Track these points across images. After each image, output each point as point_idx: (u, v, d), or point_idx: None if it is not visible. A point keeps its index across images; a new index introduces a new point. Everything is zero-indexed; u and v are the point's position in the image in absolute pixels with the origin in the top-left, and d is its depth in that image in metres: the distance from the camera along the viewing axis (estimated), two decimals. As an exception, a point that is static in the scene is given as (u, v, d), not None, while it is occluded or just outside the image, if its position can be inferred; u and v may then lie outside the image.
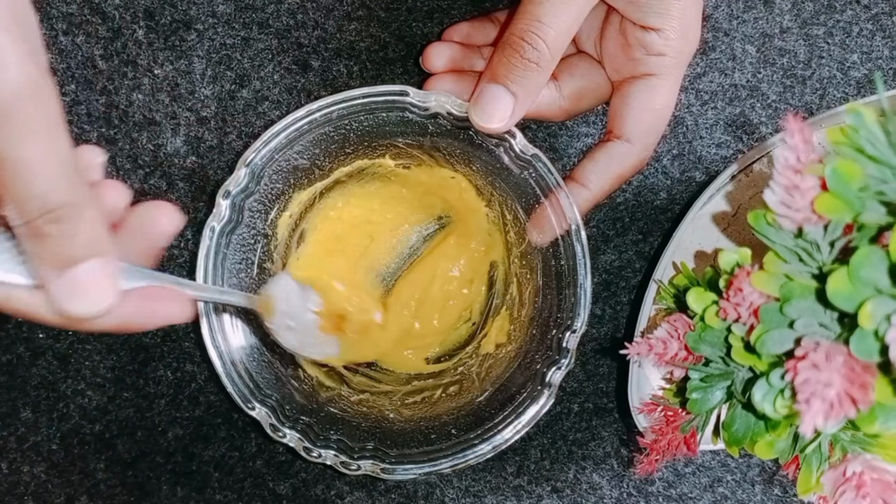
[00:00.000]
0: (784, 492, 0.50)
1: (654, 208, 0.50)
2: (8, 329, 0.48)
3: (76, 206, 0.27)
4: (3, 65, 0.25)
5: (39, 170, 0.26)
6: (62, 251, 0.28)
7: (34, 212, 0.27)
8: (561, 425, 0.50)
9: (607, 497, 0.50)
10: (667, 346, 0.38)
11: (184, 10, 0.48)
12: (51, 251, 0.28)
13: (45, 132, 0.26)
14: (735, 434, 0.37)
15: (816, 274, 0.32)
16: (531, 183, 0.44)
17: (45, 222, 0.27)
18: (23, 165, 0.26)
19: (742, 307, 0.34)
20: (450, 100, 0.42)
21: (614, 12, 0.44)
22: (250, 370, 0.43)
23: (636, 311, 0.47)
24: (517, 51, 0.40)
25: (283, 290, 0.43)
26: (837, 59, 0.51)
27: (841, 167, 0.30)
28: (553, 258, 0.44)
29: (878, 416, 0.31)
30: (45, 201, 0.27)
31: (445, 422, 0.45)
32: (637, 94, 0.44)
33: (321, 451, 0.43)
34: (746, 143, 0.50)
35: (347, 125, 0.44)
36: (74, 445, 0.48)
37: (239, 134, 0.49)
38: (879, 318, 0.29)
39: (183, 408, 0.49)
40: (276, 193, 0.45)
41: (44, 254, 0.28)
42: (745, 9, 0.50)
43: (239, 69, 0.48)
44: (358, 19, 0.49)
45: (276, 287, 0.43)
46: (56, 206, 0.27)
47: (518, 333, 0.47)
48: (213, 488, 0.48)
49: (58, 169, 0.27)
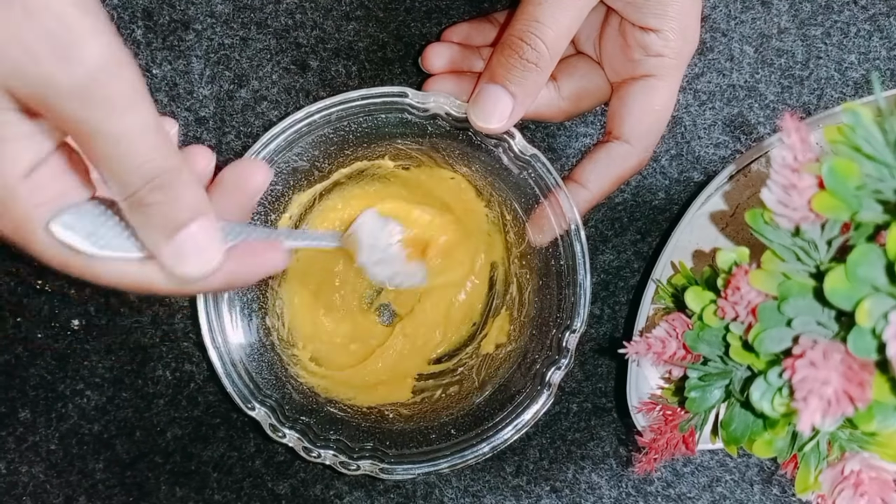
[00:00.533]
0: (783, 491, 0.50)
1: (652, 208, 0.50)
2: (6, 329, 0.48)
3: (175, 171, 0.28)
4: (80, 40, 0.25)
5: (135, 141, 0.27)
6: (168, 217, 0.28)
7: (138, 182, 0.27)
8: (560, 425, 0.50)
9: (606, 497, 0.50)
10: (665, 345, 0.38)
11: (182, 10, 0.48)
12: (158, 218, 0.28)
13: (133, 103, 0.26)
14: (733, 433, 0.37)
15: (814, 272, 0.32)
16: (530, 183, 0.44)
17: (150, 191, 0.27)
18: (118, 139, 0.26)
19: (740, 306, 0.34)
20: (449, 100, 0.42)
21: (613, 13, 0.44)
22: (250, 370, 0.43)
23: (635, 310, 0.47)
24: (516, 51, 0.40)
25: (367, 225, 0.44)
26: (835, 59, 0.51)
27: (838, 166, 0.30)
28: (552, 258, 0.44)
29: (875, 415, 0.31)
30: (145, 170, 0.27)
31: (445, 422, 0.45)
32: (636, 95, 0.44)
33: (320, 451, 0.43)
34: (744, 143, 0.51)
35: (346, 127, 0.44)
36: (73, 445, 0.48)
37: (237, 134, 0.49)
38: (877, 316, 0.29)
39: (182, 408, 0.49)
40: (276, 195, 0.45)
41: (151, 222, 0.28)
42: (743, 9, 0.50)
43: (237, 69, 0.49)
44: (356, 19, 0.49)
45: (360, 223, 0.43)
46: (157, 173, 0.27)
47: (518, 333, 0.47)
48: (212, 488, 0.48)
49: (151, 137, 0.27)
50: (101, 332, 0.48)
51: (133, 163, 0.27)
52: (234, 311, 0.44)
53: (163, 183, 0.27)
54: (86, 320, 0.48)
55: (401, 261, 0.45)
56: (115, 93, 0.26)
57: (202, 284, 0.31)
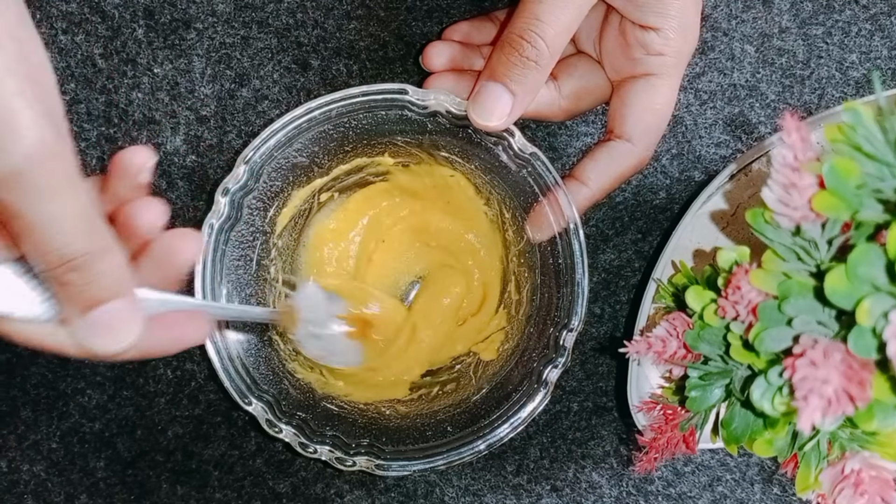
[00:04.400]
0: (783, 490, 0.50)
1: (653, 207, 0.50)
2: (8, 327, 0.48)
3: (95, 255, 0.28)
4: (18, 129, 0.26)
5: (57, 225, 0.27)
6: (84, 296, 0.29)
7: (55, 262, 0.28)
8: (560, 424, 0.50)
9: (607, 496, 0.50)
10: (666, 344, 0.38)
11: (183, 9, 0.48)
12: (72, 296, 0.29)
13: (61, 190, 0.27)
14: (734, 432, 0.37)
15: (814, 272, 0.32)
16: (529, 181, 0.44)
17: (66, 271, 0.28)
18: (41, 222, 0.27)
19: (740, 305, 0.34)
20: (449, 98, 0.42)
21: (614, 12, 0.44)
22: (247, 366, 0.43)
23: (635, 309, 0.47)
24: (516, 49, 0.40)
25: (309, 298, 0.43)
26: (836, 58, 0.51)
27: (838, 165, 0.30)
28: (551, 256, 0.44)
29: (875, 414, 0.31)
30: (64, 252, 0.28)
31: (441, 419, 0.45)
32: (637, 93, 0.44)
33: (317, 447, 0.43)
34: (745, 142, 0.50)
35: (346, 123, 0.44)
36: (74, 444, 0.48)
37: (238, 133, 0.49)
38: (877, 315, 0.29)
39: (183, 406, 0.49)
40: (275, 191, 0.45)
41: (66, 297, 0.29)
42: (744, 8, 0.50)
43: (238, 68, 0.49)
44: (357, 18, 0.49)
45: (301, 296, 0.43)
46: (75, 255, 0.28)
47: (515, 332, 0.47)
48: (213, 487, 0.49)
49: (75, 222, 0.28)
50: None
51: (52, 245, 0.27)
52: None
53: (80, 265, 0.28)
54: (86, 318, 0.48)
55: (338, 339, 0.45)
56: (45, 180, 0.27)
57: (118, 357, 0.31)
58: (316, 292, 0.44)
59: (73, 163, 0.27)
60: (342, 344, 0.45)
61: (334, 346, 0.45)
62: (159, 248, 0.33)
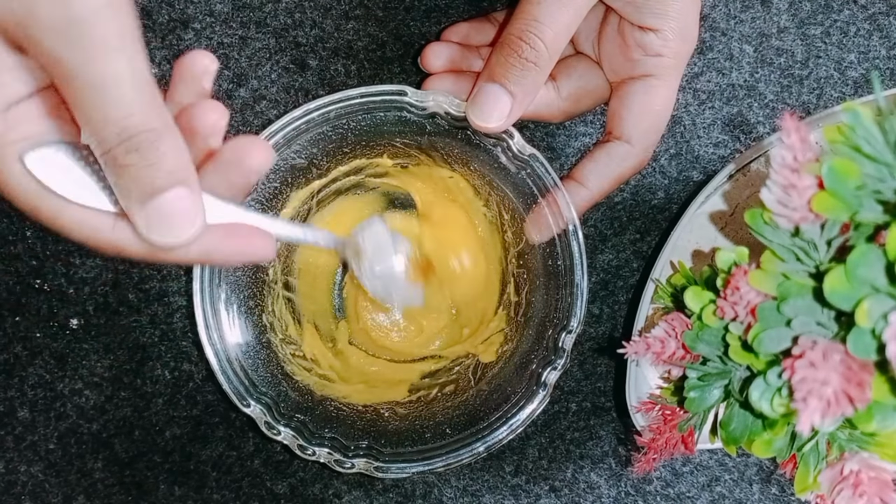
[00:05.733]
0: (782, 490, 0.50)
1: (651, 208, 0.50)
2: (5, 328, 0.48)
3: (156, 133, 0.26)
4: None
5: (116, 91, 0.25)
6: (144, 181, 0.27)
7: (113, 139, 0.26)
8: (559, 424, 0.50)
9: (605, 496, 0.50)
10: (664, 345, 0.38)
11: (181, 9, 0.48)
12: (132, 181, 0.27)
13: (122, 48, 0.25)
14: (733, 433, 0.37)
15: (813, 273, 0.32)
16: (528, 182, 0.44)
17: (125, 151, 0.26)
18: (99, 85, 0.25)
19: (739, 306, 0.34)
20: (448, 99, 0.42)
21: (612, 13, 0.44)
22: (246, 368, 0.43)
23: (634, 310, 0.47)
24: (515, 50, 0.40)
25: (374, 234, 0.42)
26: (835, 58, 0.51)
27: (838, 166, 0.30)
28: (550, 258, 0.44)
29: (875, 415, 0.31)
30: (123, 127, 0.25)
31: (440, 421, 0.45)
32: (636, 95, 0.44)
33: (315, 449, 0.43)
34: (744, 142, 0.50)
35: (345, 125, 0.44)
36: (72, 445, 0.48)
37: (237, 133, 0.49)
38: (876, 316, 0.29)
39: (181, 407, 0.49)
40: (274, 192, 0.45)
41: (125, 184, 0.27)
42: (743, 9, 0.50)
43: (236, 68, 0.48)
44: (356, 18, 0.49)
45: (367, 232, 0.41)
46: (135, 132, 0.26)
47: (514, 334, 0.47)
48: (211, 488, 0.48)
49: (135, 91, 0.25)
50: (100, 332, 0.48)
51: (110, 116, 0.25)
52: (231, 309, 0.44)
53: (140, 143, 0.26)
54: (84, 319, 0.48)
55: (402, 279, 0.43)
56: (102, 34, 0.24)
57: (175, 254, 0.29)
58: (381, 228, 0.42)
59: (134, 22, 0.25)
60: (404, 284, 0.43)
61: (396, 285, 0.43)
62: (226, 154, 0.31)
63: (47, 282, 0.48)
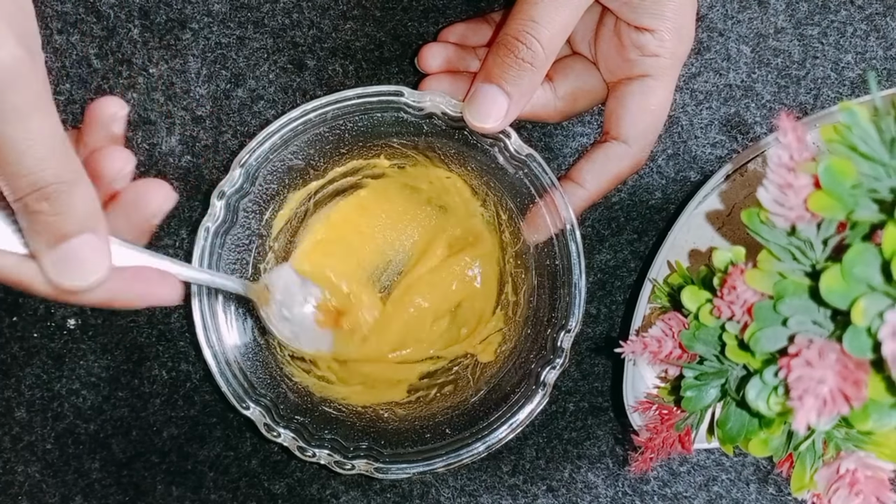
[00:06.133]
0: (779, 490, 0.50)
1: (649, 208, 0.50)
2: (2, 328, 0.48)
3: (67, 184, 0.28)
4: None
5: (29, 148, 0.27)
6: (53, 227, 0.28)
7: (25, 189, 0.27)
8: (556, 424, 0.50)
9: (602, 496, 0.50)
10: (661, 344, 0.38)
11: (179, 9, 0.48)
12: (42, 226, 0.28)
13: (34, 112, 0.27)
14: (729, 432, 0.37)
15: (810, 272, 0.32)
16: (526, 183, 0.44)
17: (37, 199, 0.27)
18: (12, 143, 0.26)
19: (736, 305, 0.34)
20: (445, 100, 0.42)
21: (609, 13, 0.44)
22: (245, 370, 0.43)
23: (631, 310, 0.47)
24: (512, 51, 0.40)
25: (283, 279, 0.43)
26: (832, 59, 0.51)
27: (834, 165, 0.30)
28: (547, 258, 0.44)
29: (871, 414, 0.31)
30: (35, 179, 0.27)
31: (440, 421, 0.45)
32: (632, 95, 0.44)
33: (315, 451, 0.43)
34: (741, 142, 0.51)
35: (342, 125, 0.44)
36: (69, 445, 0.48)
37: (234, 133, 0.49)
38: (872, 315, 0.29)
39: (178, 407, 0.49)
40: (271, 194, 0.45)
41: (36, 228, 0.29)
42: (740, 9, 0.50)
43: (234, 68, 0.49)
44: (353, 18, 0.49)
45: (276, 276, 0.43)
46: (46, 183, 0.27)
47: (513, 333, 0.47)
48: (209, 488, 0.48)
49: (48, 147, 0.27)
50: (97, 332, 0.48)
51: (23, 169, 0.27)
52: (230, 311, 0.44)
53: (51, 193, 0.28)
54: (82, 319, 0.48)
55: (310, 324, 0.45)
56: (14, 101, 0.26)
57: (80, 297, 0.31)
58: (290, 275, 0.44)
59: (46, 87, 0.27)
60: (312, 329, 0.45)
61: (304, 329, 0.45)
62: (127, 197, 0.33)
63: (45, 282, 0.48)
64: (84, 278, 0.29)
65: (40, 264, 0.29)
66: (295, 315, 0.44)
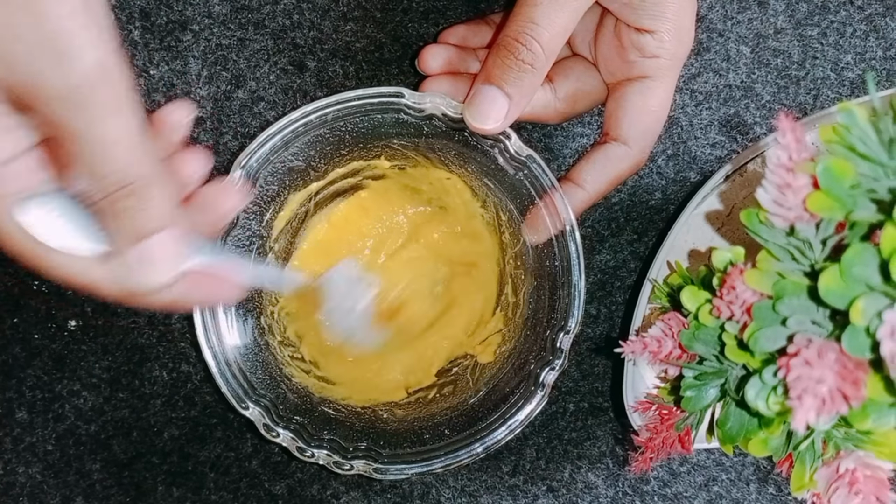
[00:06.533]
0: (778, 490, 0.50)
1: (648, 208, 0.50)
2: (3, 330, 0.48)
3: (150, 180, 0.29)
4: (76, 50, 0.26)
5: (116, 147, 0.28)
6: (137, 223, 0.29)
7: (111, 186, 0.28)
8: (556, 425, 0.50)
9: (603, 496, 0.50)
10: (661, 344, 0.38)
11: (179, 11, 0.48)
12: (127, 223, 0.29)
13: (119, 111, 0.27)
14: (729, 432, 0.37)
15: (809, 272, 0.32)
16: (526, 184, 0.44)
17: (122, 196, 0.28)
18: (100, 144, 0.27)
19: (735, 305, 0.34)
20: (445, 101, 0.42)
21: (609, 15, 0.44)
22: (244, 370, 0.43)
23: (631, 310, 0.47)
24: (512, 52, 0.40)
25: (344, 276, 0.44)
26: (831, 59, 0.51)
27: (833, 165, 0.30)
28: (547, 259, 0.44)
29: (870, 413, 0.31)
30: (121, 176, 0.28)
31: (439, 422, 0.45)
32: (632, 96, 0.44)
33: (314, 451, 0.43)
34: (741, 143, 0.51)
35: (343, 127, 0.44)
36: (70, 446, 0.48)
37: (235, 135, 0.49)
38: (871, 314, 0.29)
39: (179, 408, 0.49)
40: (272, 195, 0.45)
41: (120, 226, 0.29)
42: (740, 10, 0.50)
43: (235, 70, 0.49)
44: (354, 20, 0.49)
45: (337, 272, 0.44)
46: (132, 179, 0.28)
47: (512, 334, 0.47)
48: (209, 489, 0.49)
49: (132, 146, 0.28)
50: (98, 333, 0.48)
51: (111, 167, 0.28)
52: (230, 312, 0.44)
53: (135, 190, 0.28)
54: (82, 321, 0.48)
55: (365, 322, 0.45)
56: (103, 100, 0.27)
57: (149, 299, 0.31)
58: (352, 270, 0.45)
59: (129, 85, 0.28)
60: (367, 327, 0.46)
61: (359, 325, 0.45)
62: (202, 198, 0.34)
63: (45, 283, 0.48)
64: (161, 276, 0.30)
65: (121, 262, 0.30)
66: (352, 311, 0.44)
